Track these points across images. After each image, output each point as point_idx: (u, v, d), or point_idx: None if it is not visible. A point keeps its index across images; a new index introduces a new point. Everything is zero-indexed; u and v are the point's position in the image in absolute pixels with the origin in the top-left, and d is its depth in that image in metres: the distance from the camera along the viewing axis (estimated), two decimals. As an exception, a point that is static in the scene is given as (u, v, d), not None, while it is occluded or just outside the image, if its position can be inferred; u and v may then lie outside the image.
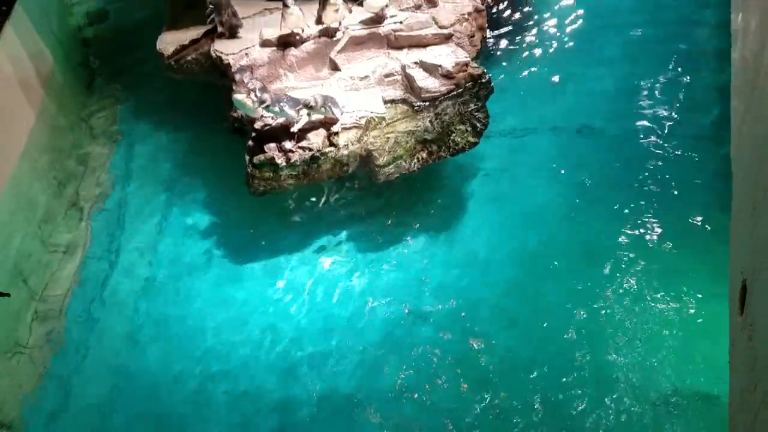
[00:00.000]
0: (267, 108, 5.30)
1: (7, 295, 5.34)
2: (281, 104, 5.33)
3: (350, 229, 5.98)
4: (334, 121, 5.53)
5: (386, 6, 5.86)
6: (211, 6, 5.92)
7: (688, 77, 6.62)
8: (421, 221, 5.95)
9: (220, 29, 6.00)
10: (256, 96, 5.42)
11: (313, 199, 6.03)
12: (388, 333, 5.29)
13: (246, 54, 5.84)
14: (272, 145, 5.55)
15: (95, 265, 5.96)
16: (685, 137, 6.15)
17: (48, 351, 5.51)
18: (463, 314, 5.32)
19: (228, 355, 5.31)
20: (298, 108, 5.42)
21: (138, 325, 5.55)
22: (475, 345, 5.14)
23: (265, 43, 5.88)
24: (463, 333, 5.22)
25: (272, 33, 5.86)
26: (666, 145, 6.12)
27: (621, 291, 5.23)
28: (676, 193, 5.77)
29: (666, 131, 6.23)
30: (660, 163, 5.99)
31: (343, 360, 5.19)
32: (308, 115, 5.49)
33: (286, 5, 5.63)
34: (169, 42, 6.35)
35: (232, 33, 6.03)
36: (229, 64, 5.80)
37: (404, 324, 5.34)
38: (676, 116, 6.32)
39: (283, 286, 5.67)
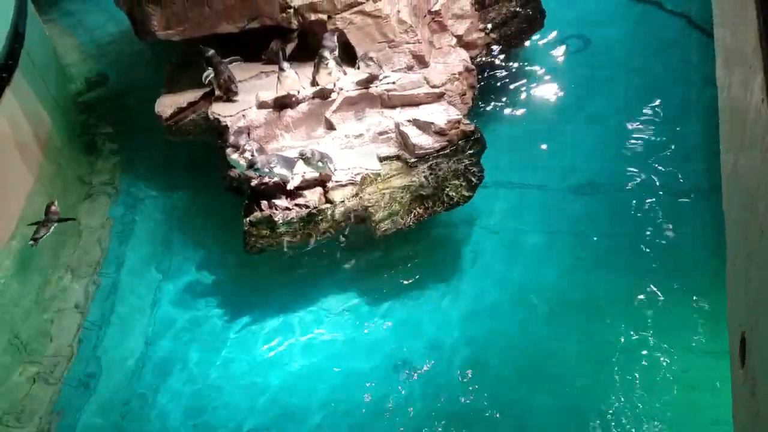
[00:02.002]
0: (258, 171, 5.39)
1: (73, 219, 6.04)
2: (272, 165, 5.40)
3: (348, 285, 5.99)
4: (329, 178, 5.61)
5: (379, 68, 6.01)
6: (209, 69, 6.06)
7: (679, 130, 6.74)
8: (418, 276, 5.97)
9: (217, 92, 6.14)
10: (251, 156, 5.53)
11: (310, 255, 6.04)
12: (386, 389, 5.29)
13: (243, 115, 5.96)
14: (268, 202, 5.61)
15: (93, 326, 5.94)
16: (678, 191, 6.23)
17: (44, 415, 5.43)
18: (459, 371, 5.32)
19: (229, 418, 5.27)
20: (292, 165, 5.50)
21: (136, 388, 5.51)
22: (472, 398, 5.14)
23: (261, 105, 6.01)
24: (459, 388, 5.22)
25: (269, 95, 6.00)
26: (659, 199, 6.17)
27: (621, 345, 5.22)
28: (671, 246, 5.80)
29: (658, 185, 6.30)
30: (654, 217, 6.03)
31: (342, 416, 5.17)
32: (303, 174, 5.58)
33: (281, 68, 5.80)
34: (167, 105, 6.47)
35: (228, 96, 6.17)
36: (226, 125, 5.92)
37: (402, 381, 5.33)
38: (668, 169, 6.39)
39: (280, 344, 5.65)
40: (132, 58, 8.42)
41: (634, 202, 6.19)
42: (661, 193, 6.22)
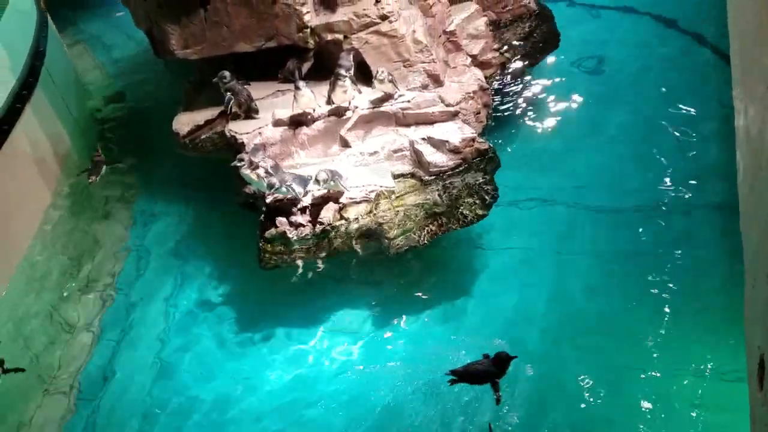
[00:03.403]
0: (277, 190, 5.43)
1: (23, 370, 5.54)
2: (288, 183, 5.44)
3: (360, 302, 5.98)
4: (341, 194, 5.63)
5: (394, 86, 6.05)
6: (228, 93, 6.13)
7: (695, 149, 6.72)
8: (431, 294, 5.94)
9: (236, 110, 6.20)
10: (266, 172, 5.57)
11: (324, 272, 6.04)
12: (396, 408, 5.21)
13: (259, 133, 6.02)
14: (283, 219, 5.65)
15: (107, 342, 5.96)
16: (696, 210, 6.19)
17: (55, 428, 5.45)
18: (472, 391, 5.19)
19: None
20: (305, 182, 5.53)
21: (148, 405, 5.49)
22: (484, 419, 5.01)
23: (277, 123, 6.06)
24: (471, 408, 5.11)
25: (284, 113, 6.06)
26: (675, 218, 6.14)
27: (637, 367, 5.12)
28: (689, 264, 5.74)
29: (675, 204, 6.26)
30: (671, 237, 5.98)
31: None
32: (313, 192, 5.60)
33: (297, 87, 5.85)
34: (184, 122, 6.56)
35: (248, 115, 6.24)
36: (243, 142, 5.98)
37: (413, 400, 5.24)
38: (684, 189, 6.36)
39: (295, 361, 5.64)
40: (150, 76, 8.54)
41: (651, 221, 6.15)
42: (677, 212, 6.18)
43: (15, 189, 6.28)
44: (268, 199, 5.67)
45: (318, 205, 5.69)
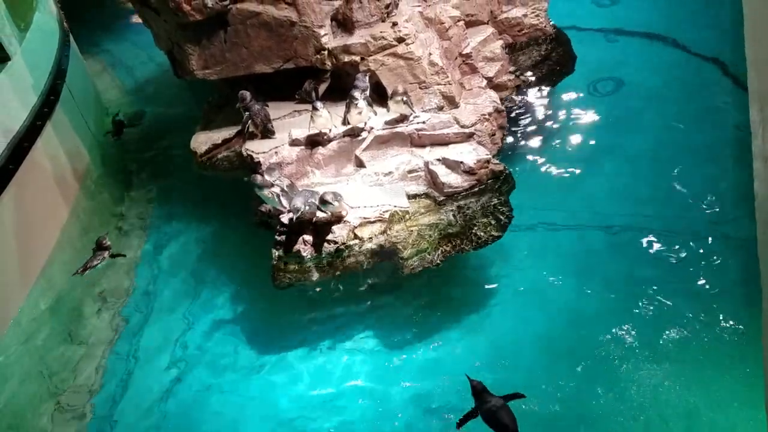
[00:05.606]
0: (301, 213, 5.44)
1: (124, 255, 6.42)
2: (310, 201, 5.44)
3: (374, 321, 5.98)
4: (341, 215, 5.64)
5: (410, 107, 6.08)
6: (246, 113, 6.21)
7: (711, 173, 6.68)
8: (444, 314, 5.93)
9: (252, 129, 6.27)
10: (282, 191, 5.61)
11: (336, 291, 6.06)
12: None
13: (276, 152, 6.07)
14: (298, 238, 5.66)
15: (120, 359, 5.99)
16: (712, 233, 6.13)
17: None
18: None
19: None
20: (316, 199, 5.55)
21: (161, 424, 5.49)
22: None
23: (294, 142, 6.12)
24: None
25: (301, 133, 6.12)
26: (691, 244, 6.09)
27: (650, 395, 5.06)
28: (705, 293, 5.68)
29: (690, 229, 6.22)
30: (686, 263, 5.93)
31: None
32: (324, 210, 5.62)
33: (315, 108, 5.89)
34: (202, 141, 6.65)
35: (264, 135, 6.31)
36: (259, 162, 6.03)
37: (427, 422, 5.23)
38: (700, 214, 6.33)
39: (307, 380, 5.63)
40: (169, 95, 8.66)
41: (665, 246, 6.11)
42: (693, 237, 6.13)
43: (34, 205, 6.36)
44: (284, 218, 5.70)
45: (332, 224, 5.70)
